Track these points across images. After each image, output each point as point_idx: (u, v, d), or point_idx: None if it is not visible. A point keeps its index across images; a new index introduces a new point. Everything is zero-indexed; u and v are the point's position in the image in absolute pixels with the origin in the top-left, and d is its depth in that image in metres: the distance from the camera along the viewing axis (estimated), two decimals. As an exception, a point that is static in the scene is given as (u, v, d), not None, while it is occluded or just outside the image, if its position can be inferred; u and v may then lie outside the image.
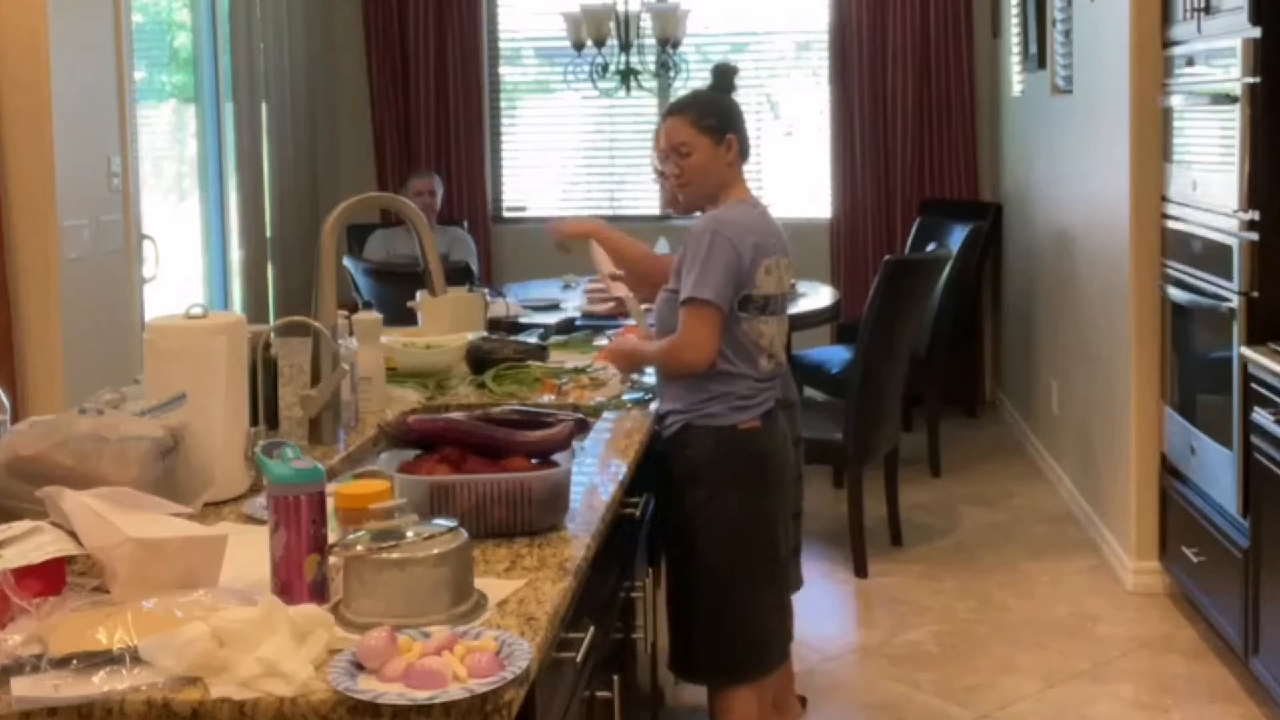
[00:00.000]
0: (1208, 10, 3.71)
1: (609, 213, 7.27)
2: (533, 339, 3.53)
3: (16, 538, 1.70)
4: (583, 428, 2.27)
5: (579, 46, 5.80)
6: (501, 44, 7.18)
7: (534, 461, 2.17)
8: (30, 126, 3.81)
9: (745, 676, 2.88)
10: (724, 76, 2.99)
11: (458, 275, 4.56)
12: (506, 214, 7.20)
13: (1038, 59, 5.81)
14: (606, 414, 2.87)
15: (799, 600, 3.25)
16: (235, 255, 5.93)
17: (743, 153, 2.92)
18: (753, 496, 2.83)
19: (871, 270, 5.70)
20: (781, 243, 2.88)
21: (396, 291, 4.31)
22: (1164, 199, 4.19)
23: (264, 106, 6.03)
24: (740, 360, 2.79)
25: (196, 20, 5.70)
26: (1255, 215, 3.52)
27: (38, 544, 1.69)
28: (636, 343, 3.03)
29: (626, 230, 6.87)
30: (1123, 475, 4.41)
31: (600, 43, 5.72)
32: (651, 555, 2.83)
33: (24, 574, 1.64)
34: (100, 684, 1.48)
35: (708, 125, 2.88)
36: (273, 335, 2.52)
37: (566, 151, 7.34)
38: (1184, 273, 4.02)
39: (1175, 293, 4.06)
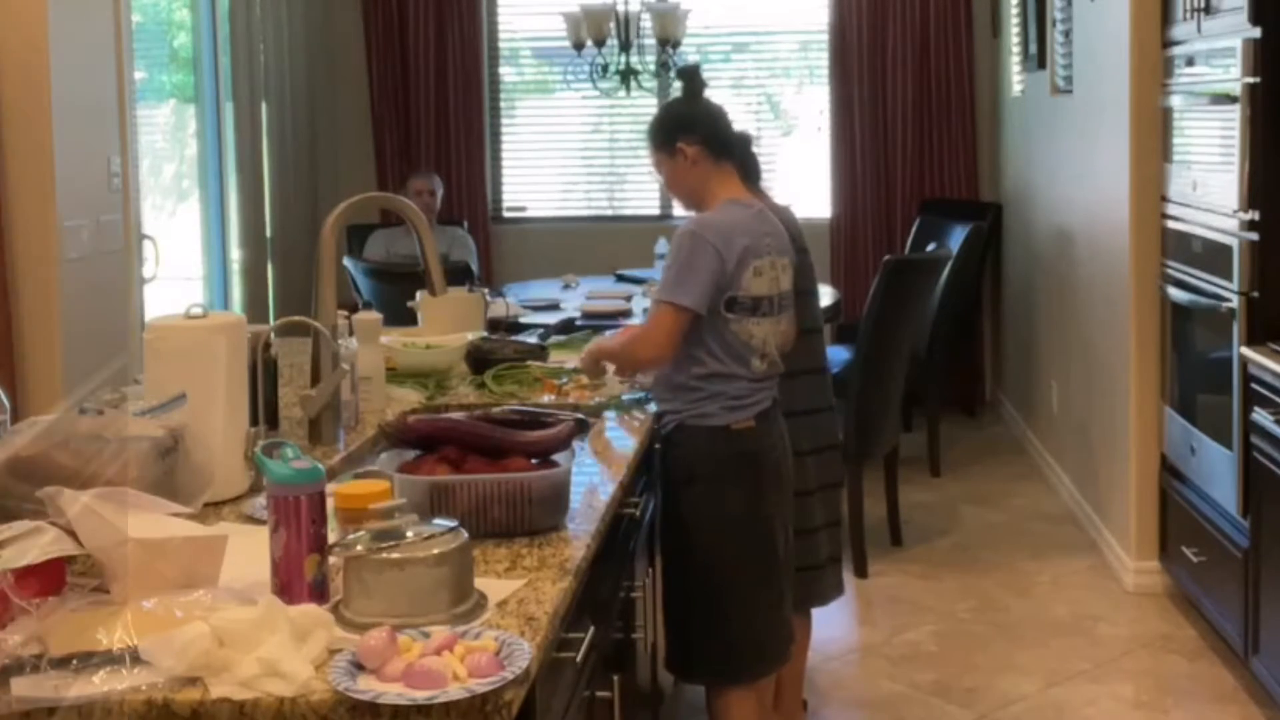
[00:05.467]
0: (1208, 10, 3.71)
1: (609, 213, 7.29)
2: (533, 339, 3.53)
3: (16, 538, 1.70)
4: (583, 428, 2.27)
5: (579, 46, 5.80)
6: (501, 44, 7.18)
7: (534, 461, 2.17)
8: (30, 126, 3.81)
9: (742, 677, 2.87)
10: (687, 79, 2.99)
11: (458, 275, 4.56)
12: (506, 214, 7.21)
13: (1038, 59, 5.81)
14: (606, 414, 2.87)
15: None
16: (235, 255, 5.93)
17: (717, 151, 2.87)
18: (748, 496, 2.83)
19: (871, 270, 5.70)
20: (779, 243, 2.86)
21: (396, 291, 4.31)
22: (1164, 199, 4.19)
23: (264, 106, 6.03)
24: (732, 361, 2.78)
25: (196, 20, 5.70)
26: (1255, 215, 3.52)
27: (38, 544, 1.69)
28: (600, 340, 3.06)
29: (627, 229, 6.85)
30: (1122, 475, 4.41)
31: (600, 43, 5.72)
32: (651, 555, 2.83)
33: (24, 574, 1.64)
34: (100, 684, 1.48)
35: (658, 141, 2.92)
36: (273, 335, 2.52)
37: (566, 151, 7.34)
38: (1184, 273, 4.02)
39: (1175, 293, 4.06)
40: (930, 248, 5.73)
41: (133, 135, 4.37)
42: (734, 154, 2.92)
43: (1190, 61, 3.96)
